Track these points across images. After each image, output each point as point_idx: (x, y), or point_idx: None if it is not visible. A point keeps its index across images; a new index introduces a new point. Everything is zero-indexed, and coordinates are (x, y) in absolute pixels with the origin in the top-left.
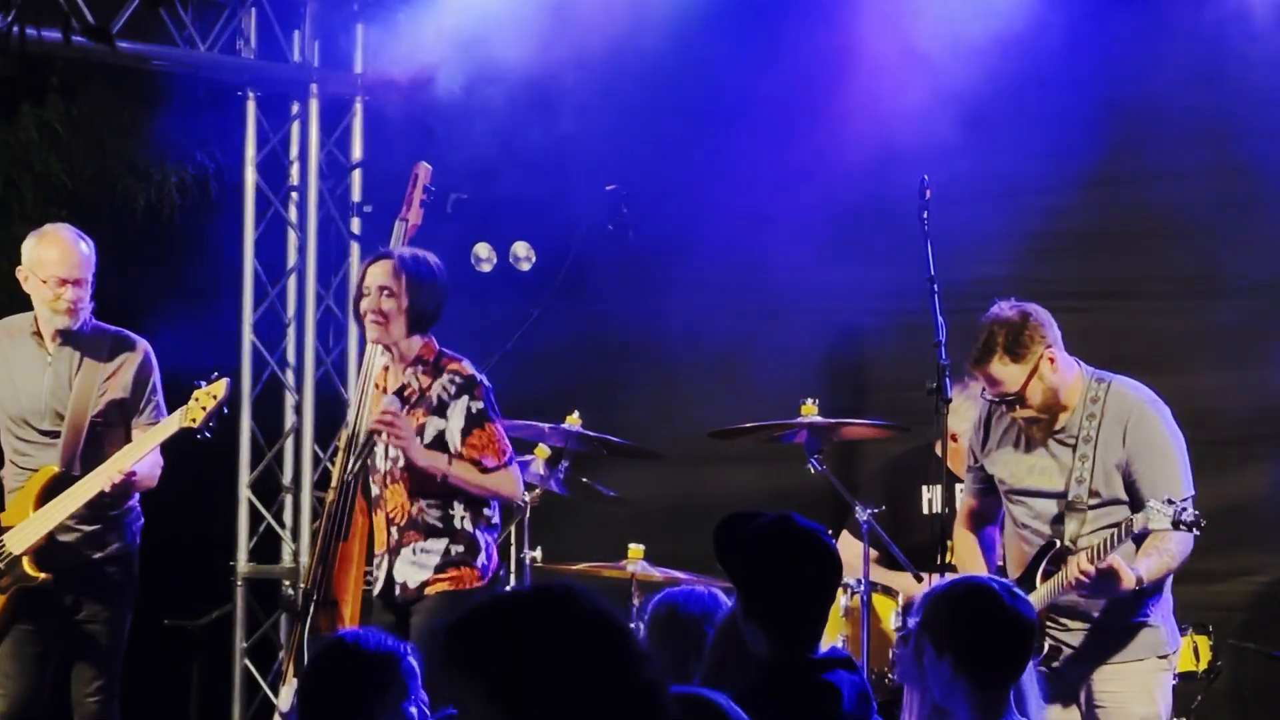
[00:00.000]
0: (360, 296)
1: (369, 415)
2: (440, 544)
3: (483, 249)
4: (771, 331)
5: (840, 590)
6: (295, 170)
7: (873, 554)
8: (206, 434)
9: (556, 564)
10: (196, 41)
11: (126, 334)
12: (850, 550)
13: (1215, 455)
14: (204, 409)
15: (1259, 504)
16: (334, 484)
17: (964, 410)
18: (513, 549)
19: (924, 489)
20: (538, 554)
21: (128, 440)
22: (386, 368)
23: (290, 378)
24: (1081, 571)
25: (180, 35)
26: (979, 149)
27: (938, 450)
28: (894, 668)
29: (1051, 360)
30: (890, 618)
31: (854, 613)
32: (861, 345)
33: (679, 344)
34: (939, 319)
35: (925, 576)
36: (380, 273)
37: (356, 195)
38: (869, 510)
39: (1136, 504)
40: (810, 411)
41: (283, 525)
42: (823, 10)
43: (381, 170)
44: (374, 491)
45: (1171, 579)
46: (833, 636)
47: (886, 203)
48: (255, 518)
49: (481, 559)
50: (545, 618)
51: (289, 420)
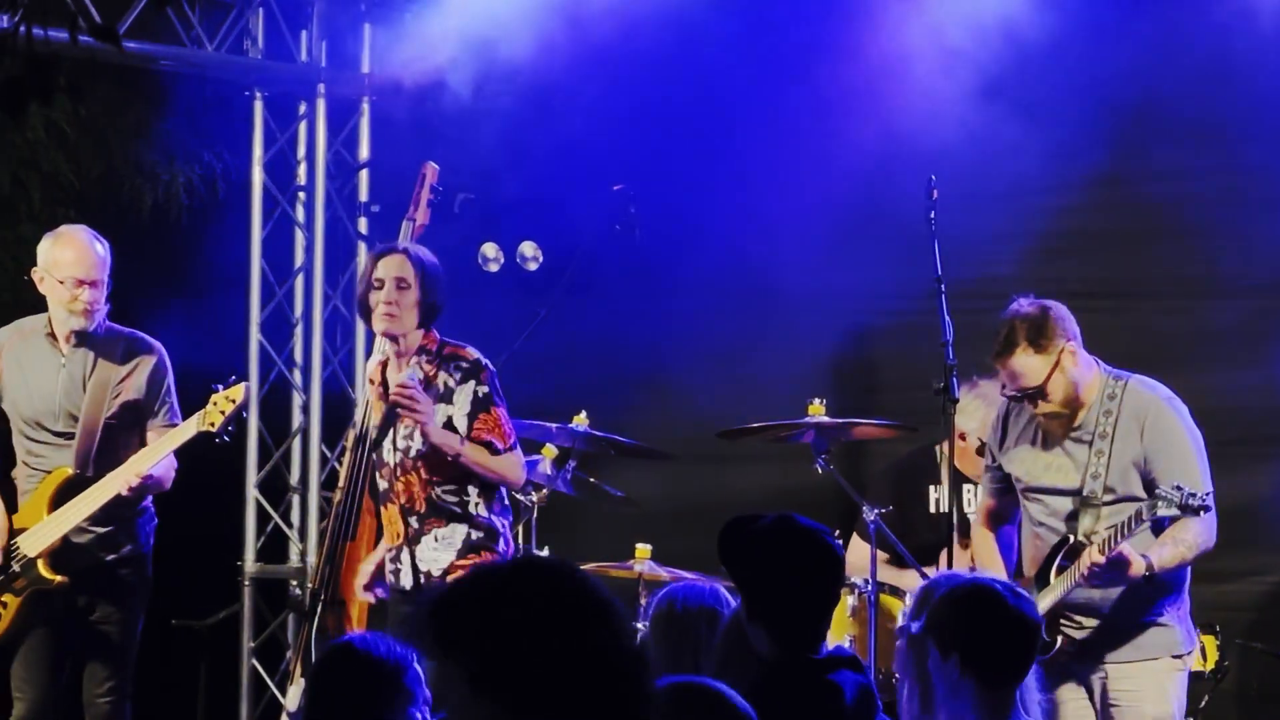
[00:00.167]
0: (370, 289)
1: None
2: (460, 529)
3: (490, 249)
4: (779, 331)
5: (848, 590)
6: (302, 170)
7: (881, 554)
8: (225, 438)
9: None
10: (204, 41)
11: (141, 336)
12: (858, 551)
13: (1221, 455)
14: (222, 413)
15: (1265, 504)
16: (340, 484)
17: (971, 409)
18: (509, 536)
19: (931, 489)
20: (545, 554)
21: (142, 443)
22: (383, 363)
23: (298, 377)
24: (1093, 562)
25: (187, 35)
26: (984, 149)
27: (945, 450)
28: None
29: (1073, 354)
30: (899, 618)
31: (862, 613)
32: (869, 345)
33: (686, 344)
34: (946, 319)
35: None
36: (394, 265)
37: (364, 195)
38: (876, 510)
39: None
40: (818, 411)
41: (290, 525)
42: (828, 12)
43: (389, 170)
44: (382, 486)
45: (1189, 579)
46: (840, 637)
47: (893, 203)
48: (263, 517)
49: (501, 544)
50: (524, 595)
51: (296, 420)
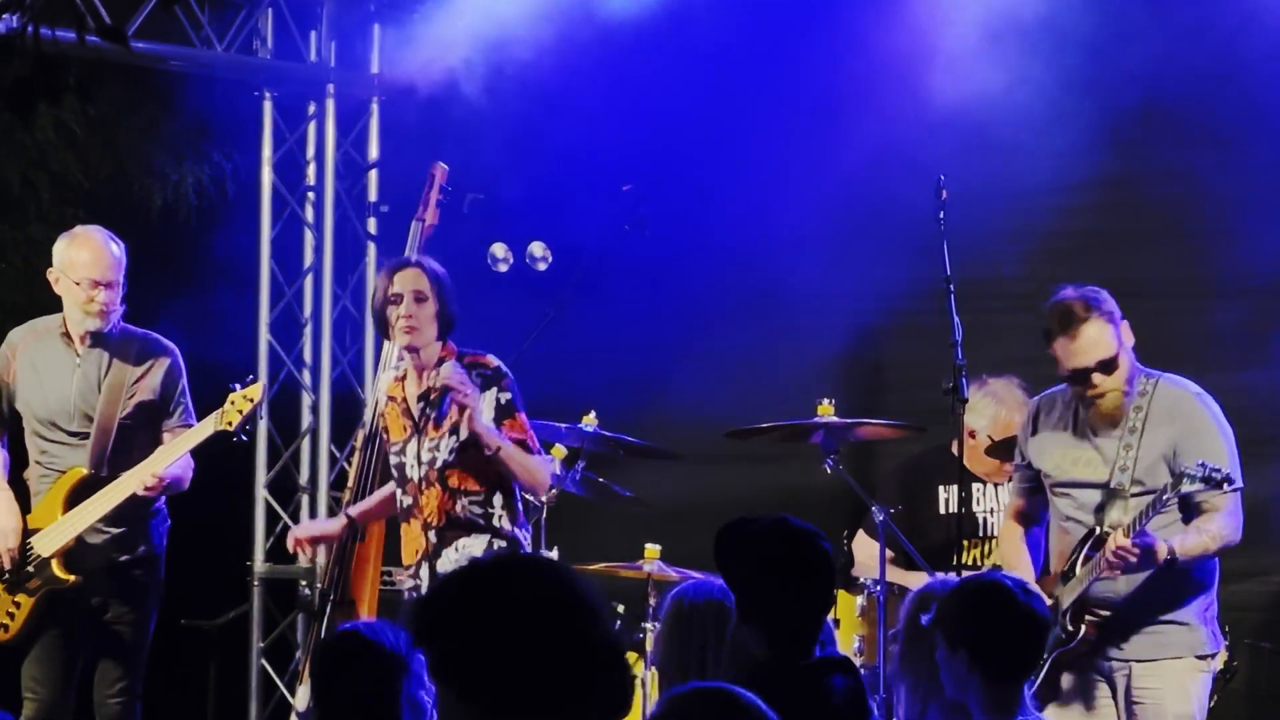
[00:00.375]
0: (387, 303)
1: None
2: (483, 540)
3: (499, 249)
4: (788, 331)
5: (857, 590)
6: (312, 170)
7: (889, 554)
8: (242, 437)
9: (573, 564)
10: (213, 42)
11: (155, 337)
12: (867, 550)
13: None
14: (240, 412)
15: (1274, 504)
16: (349, 484)
17: (981, 407)
18: (529, 549)
19: (941, 489)
20: (554, 554)
21: (156, 443)
22: (400, 378)
23: (307, 378)
24: (1119, 545)
25: (196, 35)
26: (991, 149)
27: (954, 450)
28: None
29: (1128, 330)
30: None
31: (870, 612)
32: (878, 345)
33: (695, 344)
34: (955, 319)
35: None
36: (411, 279)
37: (373, 195)
38: (885, 510)
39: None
40: (827, 411)
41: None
42: (834, 13)
43: (398, 170)
44: (405, 503)
45: (1218, 581)
46: (849, 636)
47: (901, 203)
48: (272, 518)
49: None
50: (503, 593)
51: (305, 420)
